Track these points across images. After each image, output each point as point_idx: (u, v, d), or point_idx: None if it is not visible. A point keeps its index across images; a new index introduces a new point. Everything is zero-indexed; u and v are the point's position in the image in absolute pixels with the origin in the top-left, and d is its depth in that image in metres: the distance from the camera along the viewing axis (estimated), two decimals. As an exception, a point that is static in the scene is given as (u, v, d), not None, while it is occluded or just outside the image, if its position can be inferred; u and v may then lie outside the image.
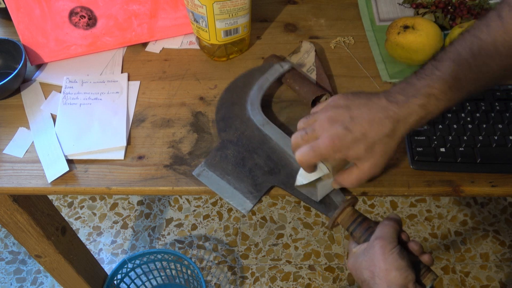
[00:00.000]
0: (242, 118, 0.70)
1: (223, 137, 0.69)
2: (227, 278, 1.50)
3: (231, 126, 0.70)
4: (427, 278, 0.56)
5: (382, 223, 0.58)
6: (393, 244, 0.55)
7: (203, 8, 0.73)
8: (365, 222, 0.60)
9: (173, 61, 0.84)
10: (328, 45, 0.84)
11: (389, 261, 0.53)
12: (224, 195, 0.64)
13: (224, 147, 0.68)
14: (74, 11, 0.81)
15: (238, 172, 0.66)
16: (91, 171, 0.69)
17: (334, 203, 0.63)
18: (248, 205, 0.63)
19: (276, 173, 0.65)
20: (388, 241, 0.55)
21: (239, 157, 0.67)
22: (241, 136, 0.68)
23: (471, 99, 0.70)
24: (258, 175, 0.65)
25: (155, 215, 1.65)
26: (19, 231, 0.84)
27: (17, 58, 0.80)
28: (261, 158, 0.66)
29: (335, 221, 0.61)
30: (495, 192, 0.65)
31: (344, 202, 0.61)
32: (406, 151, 0.67)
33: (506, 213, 1.62)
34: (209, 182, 0.65)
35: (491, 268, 1.50)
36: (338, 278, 1.49)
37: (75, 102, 0.77)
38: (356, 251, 0.59)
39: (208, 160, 0.67)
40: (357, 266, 0.57)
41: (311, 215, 1.63)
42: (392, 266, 0.53)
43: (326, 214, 0.62)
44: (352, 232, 0.60)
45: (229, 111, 0.72)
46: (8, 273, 1.53)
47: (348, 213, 0.61)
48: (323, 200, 0.63)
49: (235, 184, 0.65)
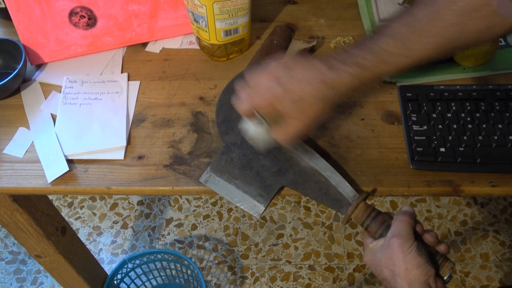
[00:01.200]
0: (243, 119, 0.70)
1: (226, 140, 0.68)
2: (227, 278, 1.50)
3: (233, 128, 0.69)
4: (445, 268, 0.57)
5: (397, 219, 0.58)
6: (410, 242, 0.55)
7: (203, 8, 0.73)
8: (379, 216, 0.60)
9: (173, 61, 0.84)
10: (328, 45, 0.84)
11: (408, 260, 0.54)
12: (234, 200, 0.64)
13: (228, 151, 0.67)
14: (74, 11, 0.81)
15: (245, 175, 0.65)
16: (91, 171, 0.69)
17: (346, 199, 0.62)
18: (260, 208, 0.63)
19: (284, 173, 0.64)
20: (405, 239, 0.56)
21: (245, 160, 0.66)
22: (244, 139, 0.67)
23: (471, 99, 0.70)
24: (266, 176, 0.64)
25: (155, 215, 1.65)
26: (19, 231, 0.84)
27: (17, 58, 0.80)
28: (267, 159, 0.66)
29: (349, 218, 0.61)
30: (495, 192, 0.65)
31: (357, 198, 0.61)
32: (406, 151, 0.67)
33: (506, 213, 1.62)
34: (217, 188, 0.65)
35: (491, 268, 1.50)
36: (338, 278, 1.49)
37: (75, 102, 0.77)
38: (373, 247, 0.59)
39: (214, 165, 0.66)
40: (376, 263, 0.58)
41: (311, 215, 1.63)
42: (412, 265, 0.54)
43: (339, 210, 0.62)
44: (367, 227, 0.60)
45: (229, 113, 0.71)
46: (8, 273, 1.53)
47: (362, 208, 0.60)
48: (334, 197, 0.63)
49: (244, 187, 0.64)
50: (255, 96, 0.57)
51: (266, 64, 0.58)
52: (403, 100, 0.71)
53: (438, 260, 0.57)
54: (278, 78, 0.56)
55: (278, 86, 0.55)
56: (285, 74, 0.56)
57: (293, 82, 0.55)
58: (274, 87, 0.55)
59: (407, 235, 0.56)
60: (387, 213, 0.61)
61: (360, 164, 0.67)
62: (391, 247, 0.56)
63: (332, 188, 0.63)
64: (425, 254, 0.56)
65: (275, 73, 0.56)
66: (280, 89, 0.55)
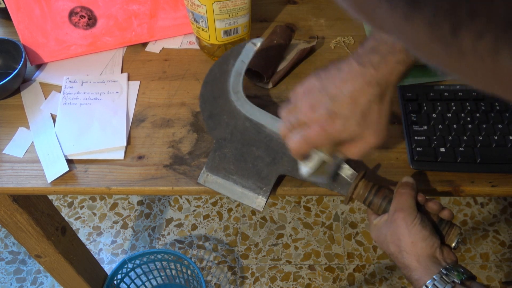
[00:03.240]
0: (229, 111, 0.67)
1: (216, 136, 0.67)
2: (227, 278, 1.50)
3: (221, 122, 0.67)
4: (452, 235, 0.56)
5: (398, 192, 0.57)
6: (414, 215, 0.55)
7: (203, 8, 0.73)
8: (380, 191, 0.59)
9: (173, 61, 0.84)
10: (328, 45, 0.84)
11: (413, 233, 0.54)
12: (234, 196, 0.63)
13: (220, 147, 0.66)
14: (74, 11, 0.81)
15: (241, 169, 0.64)
16: (91, 171, 0.69)
17: (345, 179, 0.61)
18: (261, 200, 0.62)
19: (279, 161, 0.63)
20: (408, 212, 0.55)
21: (238, 154, 0.65)
22: (234, 131, 0.66)
23: (471, 99, 0.70)
24: (262, 167, 0.64)
25: (155, 215, 1.65)
26: (19, 231, 0.84)
27: (17, 58, 0.80)
28: (260, 150, 0.64)
29: (351, 196, 0.60)
30: (495, 192, 0.65)
31: (356, 177, 0.60)
32: (406, 151, 0.67)
33: (506, 213, 1.62)
34: (216, 187, 0.64)
35: (491, 268, 1.50)
36: (338, 278, 1.49)
37: (75, 102, 0.77)
38: (377, 223, 0.59)
39: (208, 164, 0.65)
40: (381, 239, 0.58)
41: (311, 215, 1.63)
42: (417, 238, 0.54)
43: (339, 191, 0.61)
44: (370, 204, 0.60)
45: (213, 107, 0.68)
46: (8, 273, 1.53)
47: (362, 186, 0.60)
48: (333, 178, 0.62)
49: (242, 182, 0.63)
50: (311, 136, 0.51)
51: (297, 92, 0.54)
52: (403, 100, 0.71)
53: (444, 228, 0.57)
54: (324, 107, 0.50)
55: (330, 116, 0.50)
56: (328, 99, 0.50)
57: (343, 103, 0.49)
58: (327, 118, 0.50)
59: (410, 207, 0.55)
60: (387, 188, 0.60)
61: (360, 164, 0.67)
62: (395, 222, 0.56)
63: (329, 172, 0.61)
64: (429, 225, 0.55)
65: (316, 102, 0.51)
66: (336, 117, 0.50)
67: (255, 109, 0.66)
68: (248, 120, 0.66)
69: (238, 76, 0.68)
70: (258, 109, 0.66)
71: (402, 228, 0.55)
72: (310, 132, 0.51)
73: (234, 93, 0.68)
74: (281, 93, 0.77)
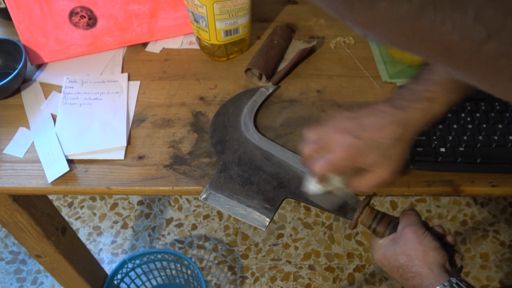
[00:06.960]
0: (238, 139, 0.70)
1: (223, 159, 0.68)
2: (227, 278, 1.50)
3: (229, 148, 0.69)
4: (457, 258, 0.60)
5: (405, 214, 0.61)
6: (423, 229, 0.58)
7: (203, 8, 0.73)
8: (385, 217, 0.62)
9: (173, 61, 0.84)
10: (328, 45, 0.84)
11: (425, 243, 0.57)
12: (237, 215, 0.63)
13: (226, 169, 0.67)
14: (74, 11, 0.81)
15: (247, 190, 0.65)
16: (91, 171, 0.69)
17: (349, 205, 0.63)
18: (265, 220, 0.63)
19: (286, 186, 0.65)
20: (418, 226, 0.59)
21: (245, 176, 0.66)
22: (242, 157, 0.68)
23: (471, 99, 0.70)
24: (269, 190, 0.65)
25: (155, 215, 1.65)
26: (19, 231, 0.84)
27: (17, 58, 0.80)
28: (267, 174, 0.66)
29: (356, 223, 0.63)
30: (495, 192, 0.65)
31: (361, 203, 0.62)
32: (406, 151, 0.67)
33: (506, 213, 1.62)
34: (219, 204, 0.65)
35: (491, 268, 1.50)
36: (338, 278, 1.49)
37: (75, 102, 0.77)
38: (383, 242, 0.61)
39: (213, 183, 0.66)
40: (389, 255, 0.59)
41: (311, 215, 1.63)
42: (429, 247, 0.56)
43: (344, 216, 0.63)
44: (375, 229, 0.63)
45: (223, 134, 0.71)
46: (8, 273, 1.53)
47: (367, 212, 0.62)
48: (338, 203, 0.64)
49: (246, 202, 0.64)
50: (336, 159, 0.54)
51: (327, 119, 0.56)
52: (403, 100, 0.71)
53: (448, 252, 0.59)
54: (352, 133, 0.53)
55: (356, 141, 0.53)
56: (358, 127, 0.53)
57: (365, 130, 0.53)
58: (353, 143, 0.53)
59: (419, 223, 0.59)
60: (391, 215, 0.63)
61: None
62: (405, 235, 0.58)
63: (335, 196, 0.64)
64: (439, 240, 0.58)
65: (346, 128, 0.54)
66: (361, 143, 0.53)
67: (265, 140, 0.69)
68: (258, 148, 0.69)
69: (251, 112, 0.73)
70: (267, 139, 0.69)
71: (414, 238, 0.57)
72: (335, 155, 0.54)
73: (245, 124, 0.72)
74: (281, 93, 0.77)
